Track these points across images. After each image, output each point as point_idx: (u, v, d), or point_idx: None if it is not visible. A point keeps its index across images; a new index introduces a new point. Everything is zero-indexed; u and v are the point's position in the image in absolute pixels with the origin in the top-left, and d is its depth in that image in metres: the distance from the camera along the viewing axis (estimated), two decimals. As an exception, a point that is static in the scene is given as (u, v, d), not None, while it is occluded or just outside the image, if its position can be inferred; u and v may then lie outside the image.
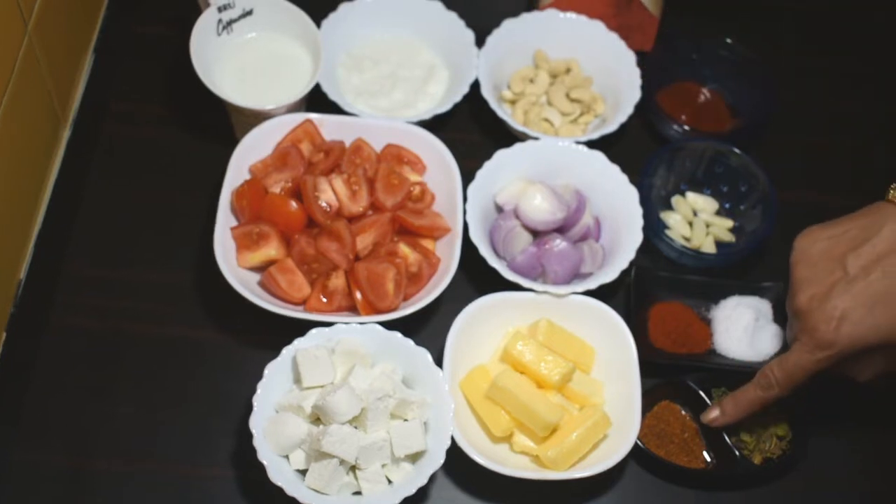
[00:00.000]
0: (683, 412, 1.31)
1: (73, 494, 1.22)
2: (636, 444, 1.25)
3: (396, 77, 1.51)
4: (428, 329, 1.34)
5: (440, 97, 1.50)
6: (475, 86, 1.48)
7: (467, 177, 1.39)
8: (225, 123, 1.45)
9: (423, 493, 1.22)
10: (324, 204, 1.32)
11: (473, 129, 1.52)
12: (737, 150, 1.44)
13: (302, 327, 1.25)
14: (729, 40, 1.55)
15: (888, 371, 1.19)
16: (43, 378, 1.29)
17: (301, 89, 1.39)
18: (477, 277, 1.36)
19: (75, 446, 1.24)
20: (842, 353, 1.16)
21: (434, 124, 1.47)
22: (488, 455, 1.22)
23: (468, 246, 1.33)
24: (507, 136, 1.46)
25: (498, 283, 1.33)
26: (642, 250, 1.39)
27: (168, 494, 1.23)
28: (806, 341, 1.17)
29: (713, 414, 1.27)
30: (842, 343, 1.15)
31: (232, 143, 1.37)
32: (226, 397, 1.27)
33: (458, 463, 1.21)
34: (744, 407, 1.24)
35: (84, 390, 1.28)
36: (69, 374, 1.29)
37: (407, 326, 1.28)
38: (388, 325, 1.26)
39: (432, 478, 1.21)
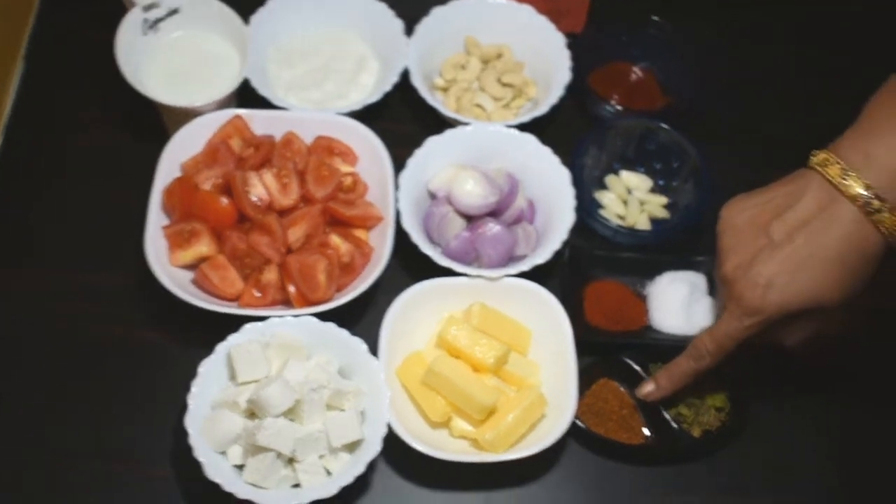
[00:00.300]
0: (622, 389, 1.31)
1: (14, 496, 1.22)
2: (575, 423, 1.26)
3: (328, 69, 1.51)
4: (365, 319, 1.34)
5: (372, 87, 1.50)
6: (408, 75, 1.48)
7: (402, 165, 1.39)
8: (159, 123, 1.45)
9: (363, 481, 1.22)
10: (254, 198, 1.32)
11: (407, 118, 1.52)
12: (665, 126, 1.44)
13: (237, 323, 1.25)
14: (656, 18, 1.55)
15: (814, 335, 1.20)
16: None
17: (229, 85, 1.39)
18: (412, 265, 1.36)
19: (14, 449, 1.25)
20: (769, 319, 1.17)
21: (367, 115, 1.47)
22: (427, 441, 1.22)
23: (403, 234, 1.34)
24: (441, 124, 1.46)
25: (434, 270, 1.33)
26: (578, 230, 1.40)
27: (109, 495, 1.23)
28: (733, 309, 1.18)
29: (648, 388, 1.28)
30: (769, 309, 1.16)
31: (166, 142, 1.37)
32: (164, 397, 1.27)
33: (398, 450, 1.22)
34: (677, 379, 1.25)
35: (24, 393, 1.28)
36: (8, 377, 1.29)
37: (343, 317, 1.28)
38: (324, 317, 1.26)
39: (372, 466, 1.21)
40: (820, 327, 1.20)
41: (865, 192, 1.11)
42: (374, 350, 1.25)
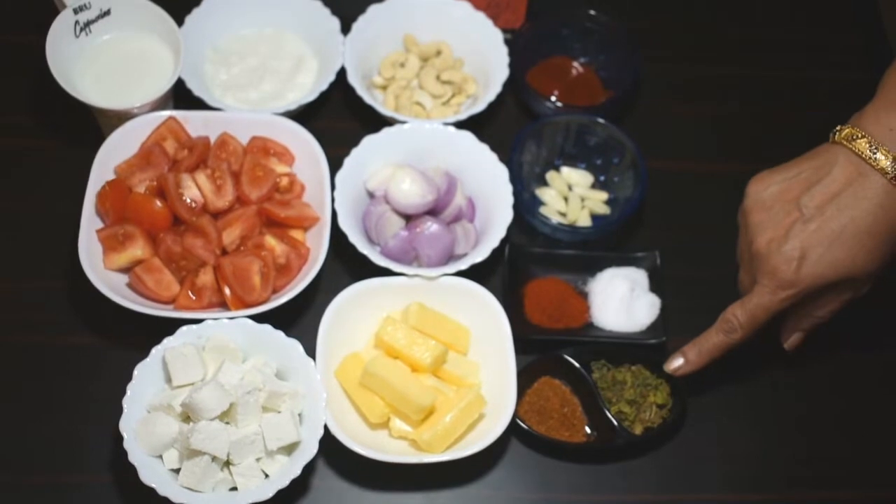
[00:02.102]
0: (564, 387, 1.33)
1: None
2: (516, 422, 1.28)
3: (265, 69, 1.53)
4: (303, 320, 1.36)
5: (309, 87, 1.52)
6: (346, 74, 1.49)
7: (340, 165, 1.40)
8: (95, 126, 1.46)
9: (302, 484, 1.24)
10: (188, 200, 1.34)
11: (346, 117, 1.53)
12: (601, 121, 1.46)
13: (173, 326, 1.26)
14: (593, 12, 1.56)
15: (845, 305, 1.26)
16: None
17: (162, 87, 1.40)
18: (350, 266, 1.38)
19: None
20: (803, 292, 1.22)
21: (307, 114, 1.49)
22: (367, 442, 1.24)
23: (341, 235, 1.35)
24: (381, 123, 1.47)
25: (372, 271, 1.34)
26: (520, 228, 1.42)
27: (44, 502, 1.24)
28: (767, 283, 1.23)
29: (676, 363, 1.30)
30: (803, 282, 1.21)
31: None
32: (100, 402, 1.28)
33: (337, 452, 1.23)
34: (707, 353, 1.28)
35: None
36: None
37: (281, 319, 1.30)
38: (260, 318, 1.27)
39: (310, 468, 1.24)
40: (850, 298, 1.25)
41: (894, 165, 1.17)
42: (311, 351, 1.27)
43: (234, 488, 1.21)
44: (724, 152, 1.52)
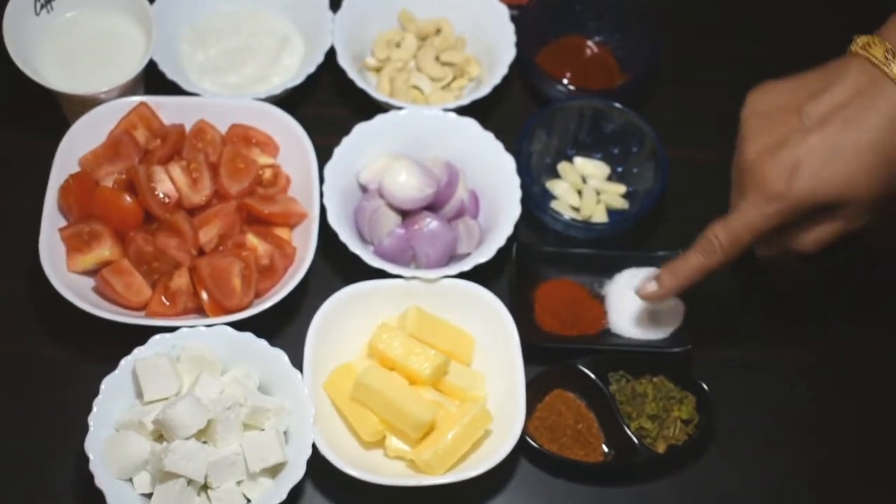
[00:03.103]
0: (578, 401, 1.31)
1: None
2: (525, 440, 1.26)
3: (247, 50, 1.52)
4: (289, 328, 1.35)
5: (295, 70, 1.51)
6: (335, 54, 1.48)
7: (329, 155, 1.39)
8: (60, 113, 1.44)
9: (287, 509, 1.23)
10: (161, 195, 1.33)
11: (337, 103, 1.52)
12: (618, 106, 1.45)
13: (144, 335, 1.24)
14: (611, -14, 1.57)
15: (831, 239, 1.22)
16: None
17: (132, 69, 1.39)
18: (341, 267, 1.37)
19: None
20: (792, 208, 1.17)
21: (292, 100, 1.47)
22: (359, 463, 1.22)
23: (330, 232, 1.34)
24: (373, 108, 1.46)
25: (365, 272, 1.33)
26: (529, 225, 1.41)
27: (2, 532, 1.23)
28: (754, 196, 1.18)
29: (650, 287, 1.28)
30: (793, 195, 1.16)
31: (65, 134, 1.38)
32: (63, 418, 1.26)
33: (328, 474, 1.21)
34: (683, 276, 1.25)
35: None
36: None
37: (265, 326, 1.28)
38: (241, 326, 1.26)
39: (297, 492, 1.22)
40: (842, 229, 1.21)
41: None
42: (298, 362, 1.25)
43: (212, 515, 1.20)
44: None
